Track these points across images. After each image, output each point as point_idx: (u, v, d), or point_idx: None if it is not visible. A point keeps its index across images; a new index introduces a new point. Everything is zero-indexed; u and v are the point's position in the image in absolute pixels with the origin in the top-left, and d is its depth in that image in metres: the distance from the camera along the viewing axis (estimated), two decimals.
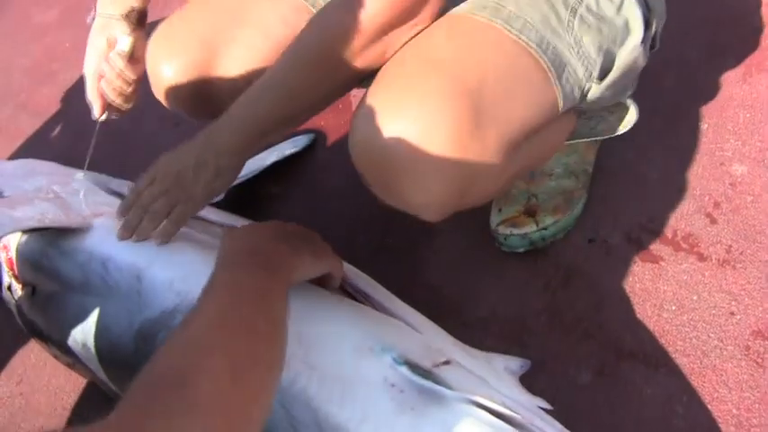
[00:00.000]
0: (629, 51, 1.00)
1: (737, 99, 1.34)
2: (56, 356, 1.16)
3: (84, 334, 1.00)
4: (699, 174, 1.26)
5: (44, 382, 1.30)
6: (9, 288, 1.14)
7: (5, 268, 1.13)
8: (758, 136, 1.29)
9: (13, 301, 1.14)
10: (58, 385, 1.29)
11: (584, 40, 0.95)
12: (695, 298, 1.13)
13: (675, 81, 1.40)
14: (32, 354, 1.36)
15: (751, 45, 1.42)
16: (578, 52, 0.95)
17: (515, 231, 1.21)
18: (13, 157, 1.74)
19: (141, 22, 1.20)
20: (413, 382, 0.81)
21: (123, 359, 0.97)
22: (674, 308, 1.12)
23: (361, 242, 1.35)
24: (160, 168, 1.00)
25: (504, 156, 0.91)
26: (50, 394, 1.28)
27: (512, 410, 0.83)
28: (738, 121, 1.31)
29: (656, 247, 1.19)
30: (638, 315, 1.13)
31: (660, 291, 1.15)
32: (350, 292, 1.02)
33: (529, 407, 0.90)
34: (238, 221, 1.18)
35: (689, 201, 1.23)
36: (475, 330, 1.18)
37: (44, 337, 1.13)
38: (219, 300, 0.72)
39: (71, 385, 1.29)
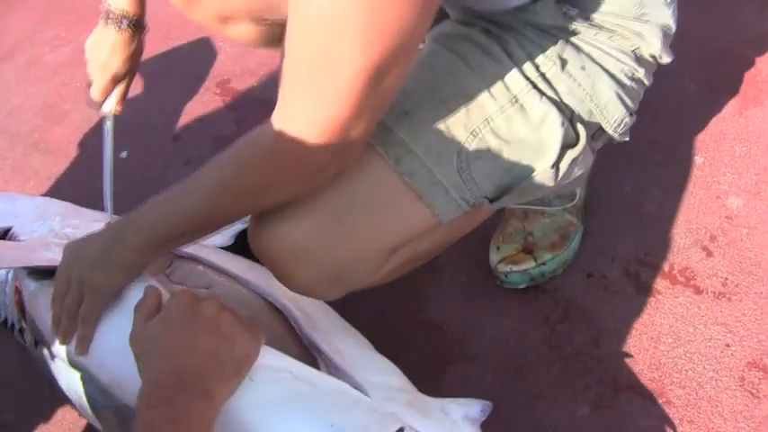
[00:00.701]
0: (538, 173, 0.96)
1: (733, 132, 1.37)
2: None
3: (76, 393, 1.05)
4: (695, 207, 1.29)
5: (59, 416, 1.33)
6: (20, 331, 1.17)
7: (16, 311, 1.16)
8: (754, 169, 1.31)
9: (24, 344, 1.17)
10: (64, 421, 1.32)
11: (473, 166, 0.95)
12: (691, 330, 1.15)
13: (672, 115, 1.43)
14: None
15: (747, 79, 1.45)
16: (462, 176, 0.95)
17: (515, 268, 1.23)
18: None
19: (138, 27, 1.24)
20: None
21: (110, 419, 1.01)
22: (670, 340, 1.14)
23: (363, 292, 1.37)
24: (65, 256, 1.00)
25: (375, 256, 0.98)
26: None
27: None
28: (734, 154, 1.34)
29: (653, 281, 1.21)
30: (635, 348, 1.15)
31: (657, 324, 1.17)
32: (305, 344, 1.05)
33: None
34: (244, 264, 1.20)
35: (685, 234, 1.26)
36: (476, 365, 1.20)
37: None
38: None
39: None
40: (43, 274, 1.09)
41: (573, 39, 0.96)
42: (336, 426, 0.86)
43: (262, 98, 1.82)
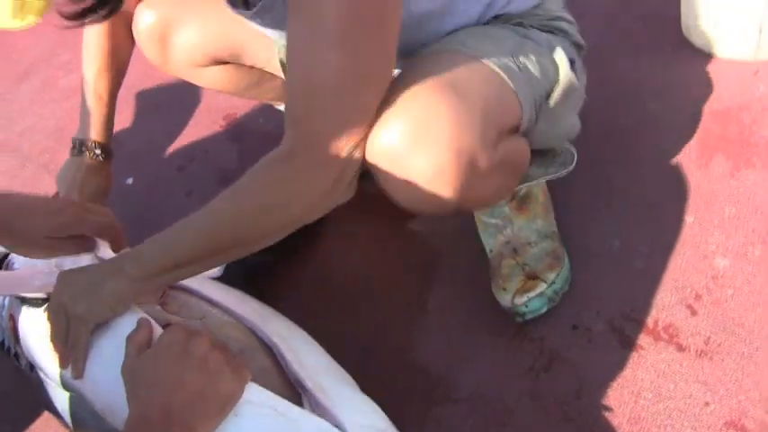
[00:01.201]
0: (563, 74, 1.17)
1: (724, 194, 1.40)
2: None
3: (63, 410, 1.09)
4: (682, 266, 1.31)
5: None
6: (16, 355, 1.20)
7: (11, 336, 1.19)
8: (742, 231, 1.34)
9: (20, 366, 1.20)
10: None
11: (525, 68, 1.11)
12: (672, 387, 1.17)
13: (665, 174, 1.47)
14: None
15: (740, 141, 1.48)
16: (528, 77, 1.11)
17: (532, 295, 1.26)
18: None
19: (108, 154, 1.40)
20: None
21: None
22: (650, 396, 1.17)
23: (359, 314, 1.41)
24: (57, 285, 1.04)
25: (489, 131, 1.02)
26: None
27: None
28: (724, 215, 1.37)
29: (636, 336, 1.24)
30: (615, 401, 1.17)
31: (638, 378, 1.19)
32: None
33: None
34: (236, 297, 1.23)
35: (671, 292, 1.28)
36: (459, 409, 1.22)
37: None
38: None
39: None
40: (35, 301, 1.13)
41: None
42: None
43: (266, 131, 1.86)
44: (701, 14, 1.65)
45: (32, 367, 1.14)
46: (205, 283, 1.25)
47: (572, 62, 1.19)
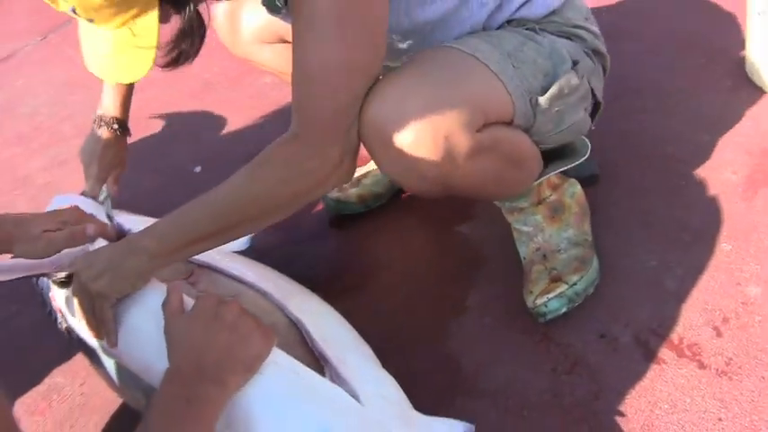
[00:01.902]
0: (564, 72, 1.24)
1: (764, 226, 1.44)
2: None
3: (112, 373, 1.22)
4: (714, 290, 1.36)
5: (103, 387, 1.45)
6: (67, 330, 1.31)
7: (60, 316, 1.31)
8: None
9: (69, 337, 1.32)
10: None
11: (521, 67, 1.19)
12: (688, 401, 1.21)
13: (708, 201, 1.51)
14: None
15: None
16: (522, 74, 1.19)
17: (551, 295, 1.34)
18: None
19: (125, 129, 1.54)
20: None
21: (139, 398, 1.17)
22: (666, 407, 1.21)
23: (397, 311, 1.49)
24: (76, 268, 1.14)
25: (469, 115, 1.10)
26: (107, 400, 1.43)
27: None
28: (761, 246, 1.41)
29: (660, 351, 1.29)
30: (631, 408, 1.22)
31: (657, 390, 1.24)
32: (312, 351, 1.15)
33: None
34: (263, 274, 1.33)
35: (700, 313, 1.33)
36: (483, 401, 1.29)
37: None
38: None
39: None
40: (62, 282, 1.24)
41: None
42: (326, 425, 0.98)
43: None
44: (764, 55, 1.69)
45: (80, 339, 1.26)
46: (235, 259, 1.36)
47: (575, 63, 1.27)
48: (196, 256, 1.23)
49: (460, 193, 1.24)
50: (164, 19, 1.05)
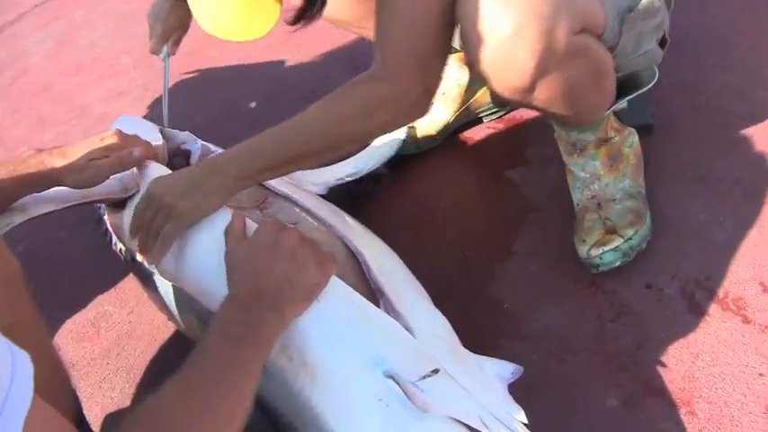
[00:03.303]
0: None
1: None
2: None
3: (167, 296, 1.25)
4: (762, 245, 1.35)
5: (150, 316, 1.51)
6: (121, 252, 1.35)
7: (115, 237, 1.35)
8: None
9: (123, 259, 1.36)
10: (162, 321, 1.50)
11: None
12: (730, 354, 1.23)
13: (763, 161, 1.50)
14: (145, 293, 1.58)
15: None
16: None
17: (606, 248, 1.35)
18: None
19: None
20: (398, 397, 0.97)
21: (192, 321, 1.21)
22: (708, 359, 1.23)
23: (446, 252, 1.52)
24: (152, 189, 1.18)
25: (571, 17, 1.11)
26: (153, 327, 1.50)
27: (487, 426, 0.97)
28: None
29: (706, 304, 1.30)
30: (673, 359, 1.24)
31: (700, 342, 1.25)
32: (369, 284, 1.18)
33: (507, 420, 1.03)
34: (329, 210, 1.37)
35: (747, 268, 1.33)
36: (526, 344, 1.32)
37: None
38: (198, 374, 0.90)
39: (171, 325, 1.50)
40: (120, 205, 1.29)
41: None
42: (380, 353, 1.01)
43: None
44: None
45: (134, 259, 1.29)
46: (305, 193, 1.38)
47: None
48: (271, 183, 1.33)
49: (544, 102, 1.22)
50: None
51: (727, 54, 1.77)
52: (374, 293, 1.17)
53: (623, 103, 1.38)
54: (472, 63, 1.18)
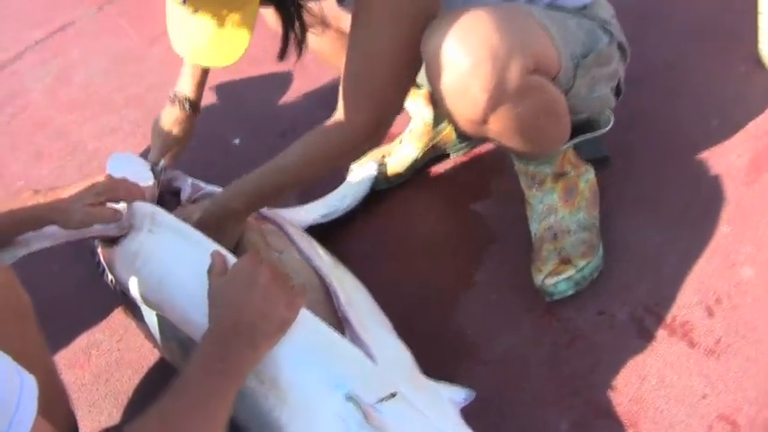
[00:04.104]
0: (603, 44, 1.37)
1: (764, 211, 1.51)
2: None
3: (152, 324, 1.36)
4: (710, 271, 1.43)
5: (138, 344, 1.59)
6: (111, 282, 1.44)
7: (106, 268, 1.44)
8: None
9: (113, 290, 1.45)
10: (149, 348, 1.58)
11: (562, 30, 1.29)
12: (675, 377, 1.30)
13: (712, 185, 1.59)
14: (133, 322, 1.66)
15: None
16: (567, 35, 1.30)
17: (560, 278, 1.43)
18: None
19: (195, 109, 1.66)
20: (358, 417, 1.07)
21: (174, 348, 1.31)
22: (654, 382, 1.31)
23: (412, 282, 1.61)
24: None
25: (523, 53, 1.19)
26: (140, 355, 1.58)
27: None
28: (759, 229, 1.48)
29: (654, 328, 1.38)
30: (622, 381, 1.32)
31: (647, 365, 1.33)
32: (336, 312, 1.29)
33: None
34: (309, 243, 1.48)
35: (694, 293, 1.41)
36: (485, 369, 1.40)
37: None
38: (179, 403, 0.99)
39: (156, 353, 1.58)
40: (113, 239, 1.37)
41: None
42: (343, 378, 1.11)
43: None
44: None
45: (124, 293, 1.38)
46: (294, 227, 1.52)
47: (608, 43, 1.39)
48: (267, 213, 1.55)
49: (498, 134, 1.30)
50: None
51: (679, 83, 1.86)
52: (341, 322, 1.27)
53: (578, 139, 1.47)
54: (434, 95, 1.27)
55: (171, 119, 1.64)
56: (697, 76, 1.86)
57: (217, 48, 1.17)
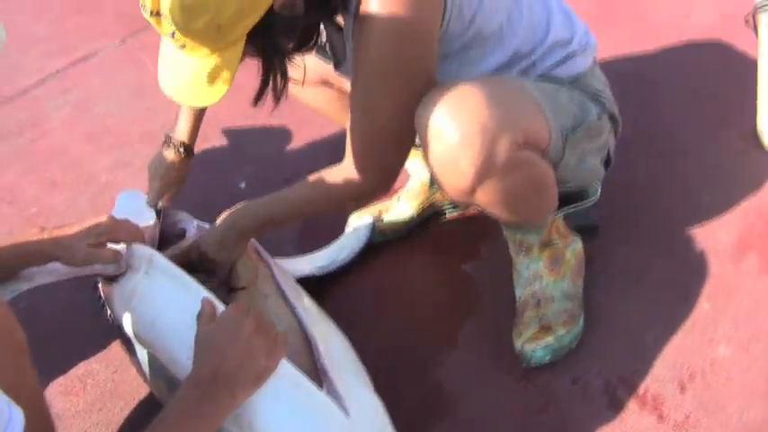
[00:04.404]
0: (592, 118, 1.42)
1: (747, 289, 1.55)
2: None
3: (143, 361, 1.41)
4: (686, 346, 1.47)
5: (132, 377, 1.64)
6: (110, 317, 1.50)
7: (106, 304, 1.50)
8: (752, 326, 1.48)
9: (112, 323, 1.51)
10: (141, 383, 1.61)
11: (554, 106, 1.33)
12: None
13: (698, 261, 1.63)
14: (127, 356, 1.71)
15: None
16: (557, 108, 1.34)
17: (539, 344, 1.47)
18: None
19: (189, 153, 1.72)
20: None
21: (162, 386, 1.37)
22: None
23: (396, 328, 1.65)
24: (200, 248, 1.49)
25: (513, 129, 1.24)
26: (133, 388, 1.61)
27: None
28: (739, 308, 1.51)
29: (626, 400, 1.41)
30: None
31: None
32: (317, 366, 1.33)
33: None
34: (297, 294, 1.52)
35: (669, 368, 1.44)
36: (458, 427, 1.43)
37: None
38: None
39: (148, 388, 1.62)
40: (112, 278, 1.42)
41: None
42: (316, 428, 1.19)
43: None
44: None
45: (119, 328, 1.44)
46: (281, 271, 1.56)
47: (600, 115, 1.44)
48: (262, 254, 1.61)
49: (486, 204, 1.34)
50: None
51: (674, 157, 1.90)
52: (318, 373, 1.31)
53: (565, 211, 1.51)
54: (426, 163, 1.32)
55: (166, 162, 1.69)
56: (693, 148, 1.91)
57: (197, 87, 1.21)
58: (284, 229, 1.68)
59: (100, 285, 1.53)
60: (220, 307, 1.26)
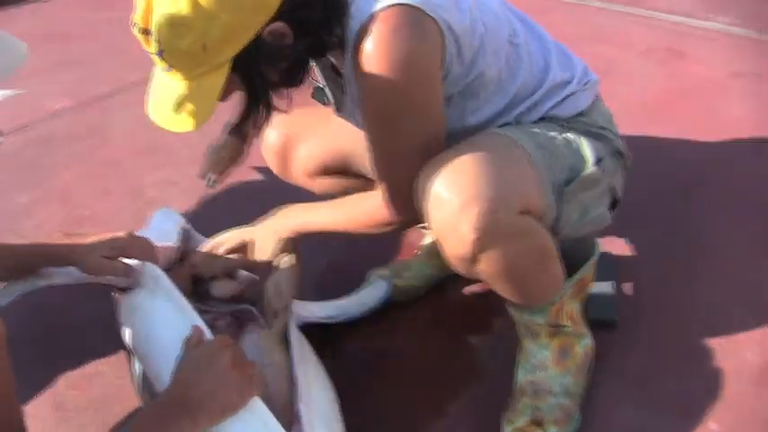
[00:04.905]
0: (588, 168, 1.39)
1: (762, 417, 1.46)
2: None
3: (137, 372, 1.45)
4: None
5: None
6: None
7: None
8: None
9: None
10: None
11: (548, 162, 1.34)
12: None
13: (714, 378, 1.55)
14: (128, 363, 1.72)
15: None
16: (550, 164, 1.35)
17: None
18: None
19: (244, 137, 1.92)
20: None
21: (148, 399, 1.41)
22: None
23: (384, 392, 1.61)
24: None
25: (512, 198, 1.25)
26: (133, 394, 1.59)
27: None
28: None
29: None
30: None
31: None
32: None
33: None
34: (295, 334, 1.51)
35: None
36: None
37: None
38: None
39: None
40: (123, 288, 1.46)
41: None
42: None
43: None
44: None
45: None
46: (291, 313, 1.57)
47: (599, 159, 1.41)
48: None
49: (489, 275, 1.32)
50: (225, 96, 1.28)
51: (710, 262, 1.85)
52: (291, 416, 1.30)
53: (572, 281, 1.47)
54: (430, 231, 1.31)
55: (222, 143, 1.88)
56: (729, 257, 1.84)
57: (178, 111, 1.24)
58: (305, 271, 1.66)
59: (114, 294, 1.55)
60: (209, 336, 1.28)
